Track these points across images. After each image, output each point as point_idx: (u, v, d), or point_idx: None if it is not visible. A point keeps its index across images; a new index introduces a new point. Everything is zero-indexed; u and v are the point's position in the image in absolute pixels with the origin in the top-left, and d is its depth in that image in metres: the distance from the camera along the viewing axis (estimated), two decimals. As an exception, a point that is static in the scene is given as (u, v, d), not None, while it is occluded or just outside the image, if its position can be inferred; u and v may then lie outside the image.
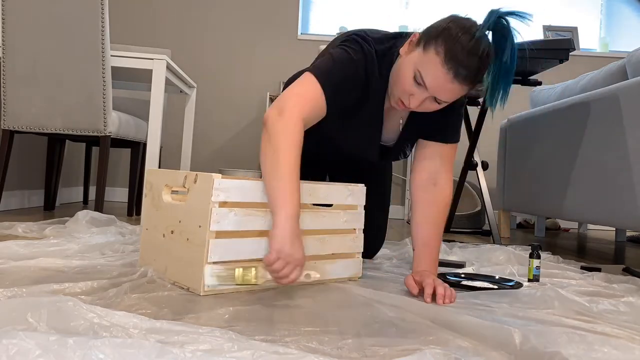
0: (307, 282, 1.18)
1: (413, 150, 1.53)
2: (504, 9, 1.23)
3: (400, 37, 1.39)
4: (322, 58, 1.33)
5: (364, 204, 1.45)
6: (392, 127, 1.47)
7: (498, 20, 1.21)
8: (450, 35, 1.18)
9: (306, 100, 1.23)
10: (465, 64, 1.16)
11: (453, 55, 1.16)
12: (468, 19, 1.23)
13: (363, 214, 1.44)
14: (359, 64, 1.31)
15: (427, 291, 1.17)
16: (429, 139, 1.44)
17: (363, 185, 1.45)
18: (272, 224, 1.13)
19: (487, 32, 1.22)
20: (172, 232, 1.24)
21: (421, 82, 1.20)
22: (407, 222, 3.86)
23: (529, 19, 1.24)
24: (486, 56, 1.19)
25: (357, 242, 1.42)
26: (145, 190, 1.33)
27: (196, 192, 1.17)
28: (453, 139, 1.44)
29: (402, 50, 1.28)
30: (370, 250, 1.73)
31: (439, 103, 1.25)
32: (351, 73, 1.30)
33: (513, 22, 1.26)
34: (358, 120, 1.40)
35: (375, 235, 1.74)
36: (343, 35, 1.38)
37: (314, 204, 1.35)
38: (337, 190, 1.38)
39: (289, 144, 1.16)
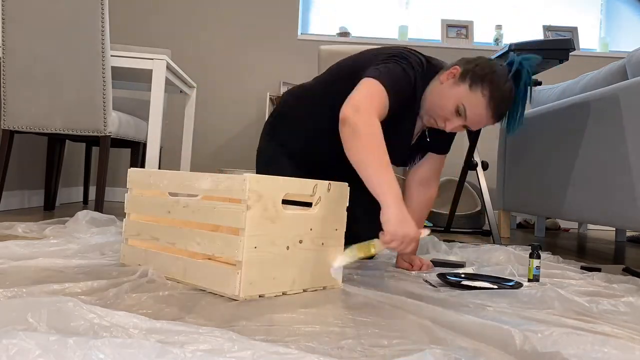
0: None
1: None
2: (520, 56, 1.49)
3: (430, 62, 1.55)
4: (378, 68, 1.43)
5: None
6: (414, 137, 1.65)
7: (518, 67, 1.47)
8: (494, 82, 1.42)
9: (377, 100, 1.37)
10: (503, 108, 1.45)
11: (496, 100, 1.42)
12: (503, 66, 1.47)
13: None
14: (412, 80, 1.47)
15: (416, 264, 1.59)
16: (433, 151, 1.68)
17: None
18: (382, 208, 1.26)
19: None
20: (300, 241, 1.21)
21: (463, 114, 1.43)
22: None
23: (538, 61, 1.52)
24: (512, 97, 1.46)
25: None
26: (249, 202, 1.11)
27: (330, 199, 1.27)
28: (447, 152, 1.70)
29: (443, 78, 1.47)
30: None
31: (464, 129, 1.49)
32: (405, 87, 1.45)
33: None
34: (394, 131, 1.52)
35: (373, 235, 1.73)
36: (387, 49, 1.52)
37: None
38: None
39: (376, 134, 1.31)
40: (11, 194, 2.79)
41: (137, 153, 2.95)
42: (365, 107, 1.33)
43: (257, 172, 1.76)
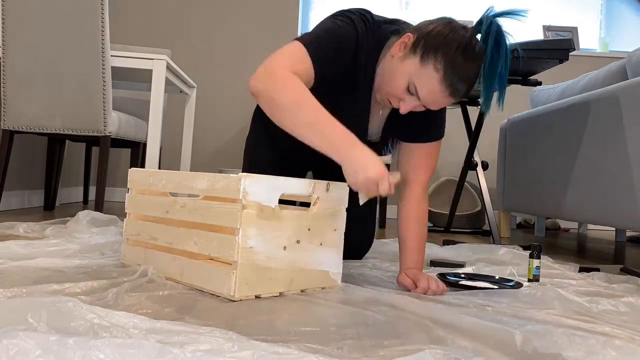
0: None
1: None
2: (497, 12, 1.19)
3: (389, 24, 1.35)
4: (311, 30, 1.29)
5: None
6: (375, 121, 1.45)
7: (492, 25, 1.17)
8: (449, 51, 1.15)
9: (292, 58, 1.18)
10: (464, 83, 1.18)
11: (452, 74, 1.16)
12: (465, 28, 1.20)
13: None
14: (347, 41, 1.26)
15: (421, 285, 1.22)
16: (413, 140, 1.41)
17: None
18: (340, 161, 1.12)
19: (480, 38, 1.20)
20: (298, 242, 1.20)
21: (414, 92, 1.20)
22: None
23: (523, 16, 1.18)
24: (480, 69, 1.18)
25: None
26: (245, 202, 1.09)
27: (328, 199, 1.25)
28: (438, 135, 1.42)
29: (395, 50, 1.24)
30: (360, 250, 1.74)
31: (425, 108, 1.26)
32: (337, 42, 1.24)
33: (508, 22, 1.21)
34: (348, 105, 1.35)
35: (364, 235, 1.73)
36: (329, 16, 1.33)
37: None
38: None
39: (300, 91, 1.14)
40: (11, 194, 2.79)
41: (137, 153, 2.95)
42: (271, 71, 1.15)
43: (244, 158, 1.74)
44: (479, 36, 1.21)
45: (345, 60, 1.28)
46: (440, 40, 1.17)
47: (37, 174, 3.09)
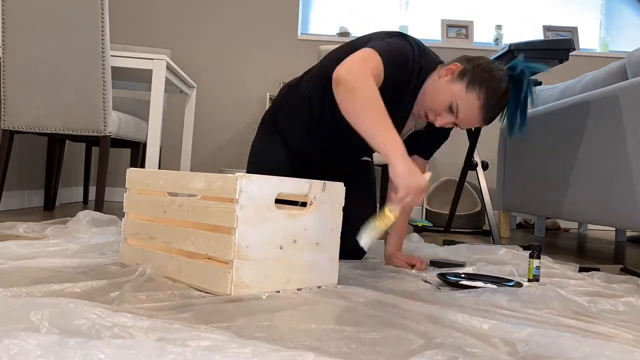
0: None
1: None
2: (525, 63, 1.49)
3: (426, 50, 1.54)
4: (376, 41, 1.43)
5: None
6: (405, 130, 1.63)
7: (520, 73, 1.48)
8: (491, 87, 1.41)
9: (370, 62, 1.34)
10: (496, 114, 1.45)
11: (490, 105, 1.42)
12: (503, 72, 1.46)
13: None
14: (411, 59, 1.45)
15: (417, 267, 1.59)
16: (418, 153, 1.69)
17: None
18: (390, 165, 1.25)
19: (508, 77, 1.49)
20: (294, 241, 1.21)
21: (455, 112, 1.43)
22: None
23: (542, 70, 1.53)
24: (507, 103, 1.48)
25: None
26: (241, 202, 1.10)
27: (325, 199, 1.26)
28: (429, 157, 1.74)
29: (442, 72, 1.45)
30: (361, 250, 1.74)
31: (454, 127, 1.49)
32: (404, 62, 1.44)
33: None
34: (393, 110, 1.47)
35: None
36: (384, 32, 1.52)
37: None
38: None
39: (374, 92, 1.29)
40: (11, 194, 2.79)
41: (137, 153, 2.95)
42: (358, 67, 1.30)
43: (249, 164, 1.75)
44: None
45: (405, 74, 1.47)
46: (486, 76, 1.41)
47: (37, 174, 3.09)
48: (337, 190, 1.31)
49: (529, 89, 1.49)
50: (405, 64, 1.44)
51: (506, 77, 1.45)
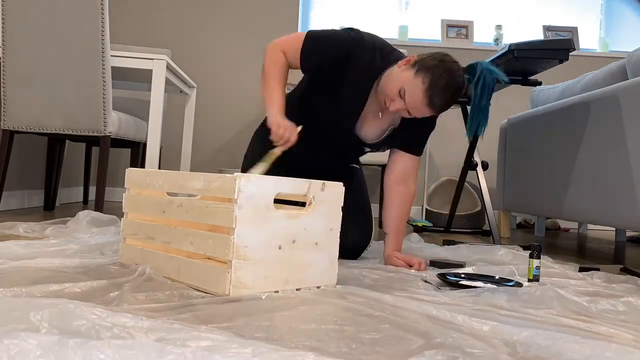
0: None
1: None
2: (487, 66, 1.60)
3: (398, 52, 1.68)
4: (321, 29, 1.67)
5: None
6: (375, 125, 1.72)
7: (478, 66, 1.59)
8: (437, 72, 1.48)
9: (289, 42, 1.61)
10: (440, 100, 1.50)
11: (433, 87, 1.48)
12: (456, 63, 1.53)
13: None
14: (345, 42, 1.60)
15: (416, 267, 1.61)
16: (407, 150, 1.76)
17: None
18: (267, 116, 1.56)
19: (467, 76, 1.60)
20: (293, 241, 1.22)
21: (403, 96, 1.51)
22: (407, 222, 3.86)
23: (505, 82, 1.67)
24: (456, 95, 1.52)
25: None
26: (240, 202, 1.11)
27: (324, 199, 1.28)
28: (419, 153, 1.79)
29: (401, 62, 1.56)
30: (357, 247, 1.77)
31: (410, 115, 1.55)
32: (332, 42, 1.60)
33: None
34: (341, 94, 1.64)
35: (359, 234, 1.78)
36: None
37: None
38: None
39: (272, 62, 1.59)
40: (11, 194, 2.79)
41: (137, 153, 2.95)
42: (273, 44, 1.60)
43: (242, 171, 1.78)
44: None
45: (337, 52, 1.61)
46: (434, 63, 1.50)
47: (37, 174, 3.09)
48: (336, 190, 1.31)
49: (485, 90, 1.58)
50: (330, 50, 1.59)
51: (459, 70, 1.51)
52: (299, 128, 1.53)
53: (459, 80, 1.51)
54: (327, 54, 1.61)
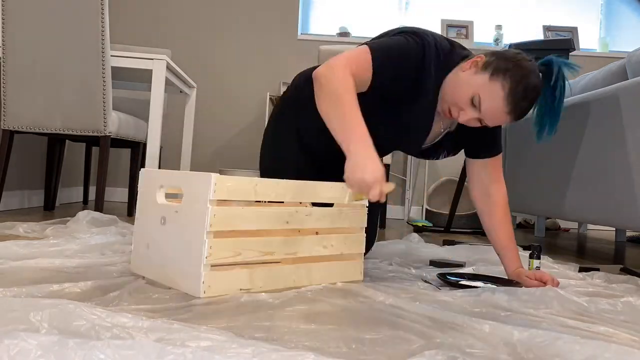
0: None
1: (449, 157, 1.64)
2: (561, 59, 1.37)
3: (458, 47, 1.45)
4: (381, 39, 1.38)
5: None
6: (433, 132, 1.52)
7: (554, 64, 1.35)
8: (516, 75, 1.28)
9: (355, 60, 1.29)
10: (524, 106, 1.30)
11: (516, 93, 1.28)
12: (532, 62, 1.34)
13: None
14: (412, 55, 1.35)
15: (549, 282, 1.36)
16: (474, 157, 1.54)
17: None
18: (347, 155, 1.18)
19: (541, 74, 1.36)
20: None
21: (477, 105, 1.31)
22: (407, 222, 3.86)
23: (577, 71, 1.39)
24: (537, 99, 1.34)
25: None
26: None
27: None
28: (496, 151, 1.54)
29: (465, 65, 1.35)
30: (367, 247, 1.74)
31: (481, 124, 1.36)
32: (402, 59, 1.34)
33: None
34: (407, 114, 1.42)
35: (369, 232, 1.73)
36: (405, 27, 1.43)
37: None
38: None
39: (345, 87, 1.24)
40: (11, 194, 2.79)
41: (137, 153, 2.95)
42: (339, 65, 1.26)
43: (265, 155, 1.69)
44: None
45: (407, 70, 1.36)
46: (511, 65, 1.29)
47: (37, 174, 3.09)
48: None
49: (563, 87, 1.35)
50: (405, 63, 1.35)
51: (536, 69, 1.33)
52: (390, 188, 1.18)
53: (538, 79, 1.32)
54: (400, 68, 1.35)
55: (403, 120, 1.43)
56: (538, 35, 4.39)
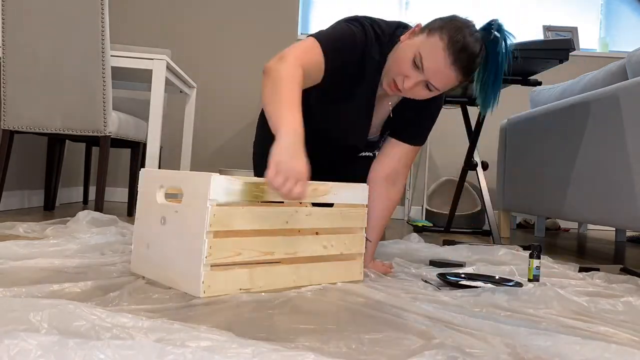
0: (315, 199, 1.21)
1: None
2: (501, 23, 1.34)
3: (402, 27, 1.44)
4: (323, 30, 1.38)
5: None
6: (378, 117, 1.51)
7: (493, 24, 1.33)
8: (455, 27, 1.27)
9: (305, 52, 1.27)
10: (465, 59, 1.26)
11: (456, 42, 1.25)
12: (468, 20, 1.33)
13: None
14: (358, 40, 1.35)
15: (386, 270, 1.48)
16: (398, 137, 1.52)
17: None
18: (275, 142, 1.10)
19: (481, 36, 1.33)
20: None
21: (420, 64, 1.27)
22: (407, 222, 3.86)
23: (512, 41, 1.34)
24: (480, 53, 1.29)
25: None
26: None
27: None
28: (419, 142, 1.54)
29: (404, 37, 1.34)
30: None
31: (430, 90, 1.31)
32: (349, 45, 1.34)
33: (508, 21, 1.32)
34: (352, 104, 1.42)
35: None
36: (348, 16, 1.43)
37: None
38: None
39: (289, 75, 1.20)
40: (11, 194, 2.79)
41: (137, 153, 2.95)
42: (289, 56, 1.23)
43: (255, 153, 1.70)
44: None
45: (354, 55, 1.35)
46: (447, 21, 1.30)
47: (37, 174, 3.09)
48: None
49: (506, 53, 1.30)
50: (348, 48, 1.33)
51: (472, 25, 1.31)
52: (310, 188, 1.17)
53: (476, 35, 1.28)
54: (347, 54, 1.34)
55: (348, 106, 1.41)
56: (538, 35, 4.39)
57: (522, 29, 4.43)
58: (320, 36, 1.32)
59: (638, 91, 1.92)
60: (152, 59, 2.62)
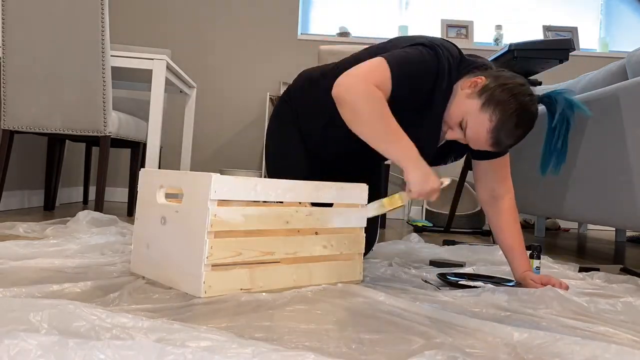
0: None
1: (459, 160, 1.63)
2: (569, 99, 1.32)
3: (463, 59, 1.42)
4: (396, 51, 1.34)
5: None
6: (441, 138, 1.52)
7: (560, 98, 1.32)
8: (507, 110, 1.26)
9: (373, 74, 1.26)
10: (506, 142, 1.30)
11: (500, 132, 1.27)
12: (532, 96, 1.30)
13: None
14: (431, 66, 1.33)
15: (557, 285, 1.33)
16: (480, 158, 1.52)
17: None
18: (405, 172, 1.24)
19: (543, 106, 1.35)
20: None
21: (464, 128, 1.32)
22: (407, 222, 3.86)
23: (589, 116, 1.36)
24: (527, 133, 1.31)
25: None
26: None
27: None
28: (491, 155, 1.49)
29: (465, 84, 1.33)
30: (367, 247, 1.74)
31: (465, 144, 1.38)
32: (422, 72, 1.32)
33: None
34: (420, 130, 1.40)
35: (370, 233, 1.73)
36: (416, 37, 1.40)
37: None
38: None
39: (378, 108, 1.23)
40: (11, 194, 2.79)
41: (137, 153, 2.95)
42: (360, 83, 1.23)
43: (267, 156, 1.68)
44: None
45: (423, 88, 1.34)
46: (505, 97, 1.27)
47: (37, 174, 3.09)
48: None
49: (567, 131, 1.32)
50: (422, 78, 1.32)
51: (534, 105, 1.29)
52: (446, 183, 1.28)
53: (532, 118, 1.29)
54: (417, 82, 1.32)
55: (417, 132, 1.39)
56: (538, 35, 4.39)
57: (522, 29, 4.43)
58: (390, 58, 1.30)
59: (638, 91, 1.92)
60: (152, 59, 2.62)
